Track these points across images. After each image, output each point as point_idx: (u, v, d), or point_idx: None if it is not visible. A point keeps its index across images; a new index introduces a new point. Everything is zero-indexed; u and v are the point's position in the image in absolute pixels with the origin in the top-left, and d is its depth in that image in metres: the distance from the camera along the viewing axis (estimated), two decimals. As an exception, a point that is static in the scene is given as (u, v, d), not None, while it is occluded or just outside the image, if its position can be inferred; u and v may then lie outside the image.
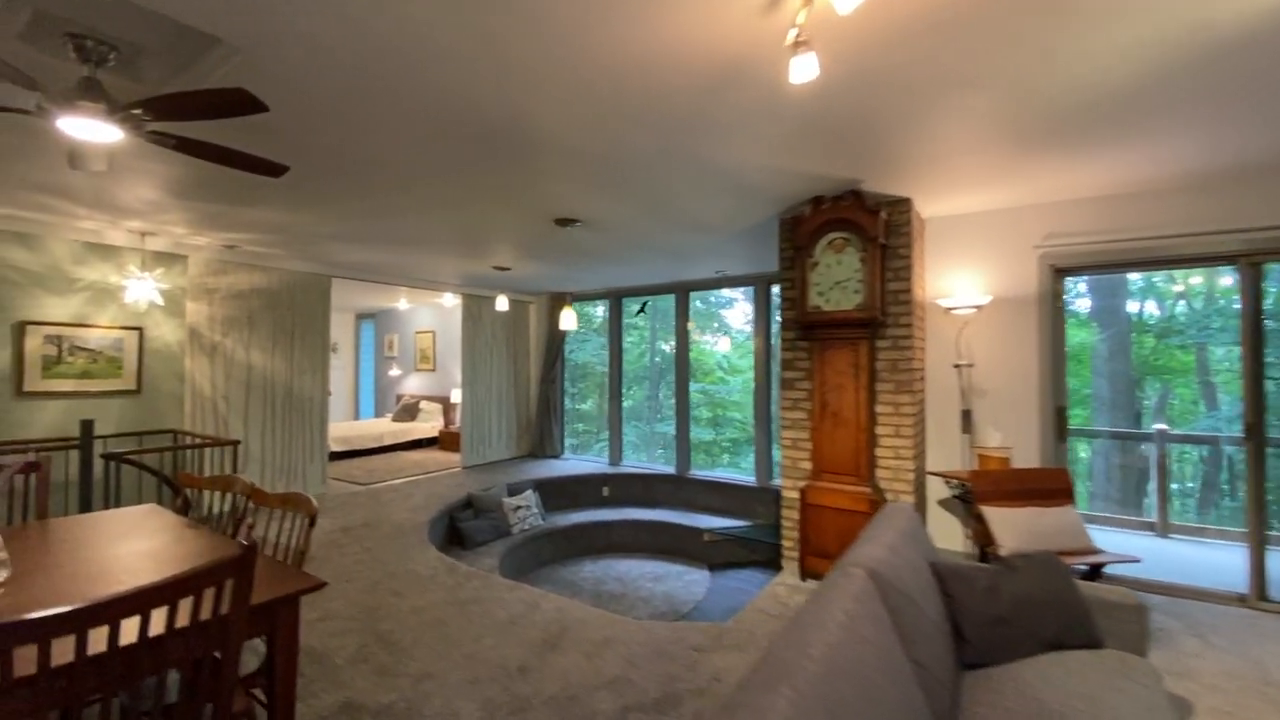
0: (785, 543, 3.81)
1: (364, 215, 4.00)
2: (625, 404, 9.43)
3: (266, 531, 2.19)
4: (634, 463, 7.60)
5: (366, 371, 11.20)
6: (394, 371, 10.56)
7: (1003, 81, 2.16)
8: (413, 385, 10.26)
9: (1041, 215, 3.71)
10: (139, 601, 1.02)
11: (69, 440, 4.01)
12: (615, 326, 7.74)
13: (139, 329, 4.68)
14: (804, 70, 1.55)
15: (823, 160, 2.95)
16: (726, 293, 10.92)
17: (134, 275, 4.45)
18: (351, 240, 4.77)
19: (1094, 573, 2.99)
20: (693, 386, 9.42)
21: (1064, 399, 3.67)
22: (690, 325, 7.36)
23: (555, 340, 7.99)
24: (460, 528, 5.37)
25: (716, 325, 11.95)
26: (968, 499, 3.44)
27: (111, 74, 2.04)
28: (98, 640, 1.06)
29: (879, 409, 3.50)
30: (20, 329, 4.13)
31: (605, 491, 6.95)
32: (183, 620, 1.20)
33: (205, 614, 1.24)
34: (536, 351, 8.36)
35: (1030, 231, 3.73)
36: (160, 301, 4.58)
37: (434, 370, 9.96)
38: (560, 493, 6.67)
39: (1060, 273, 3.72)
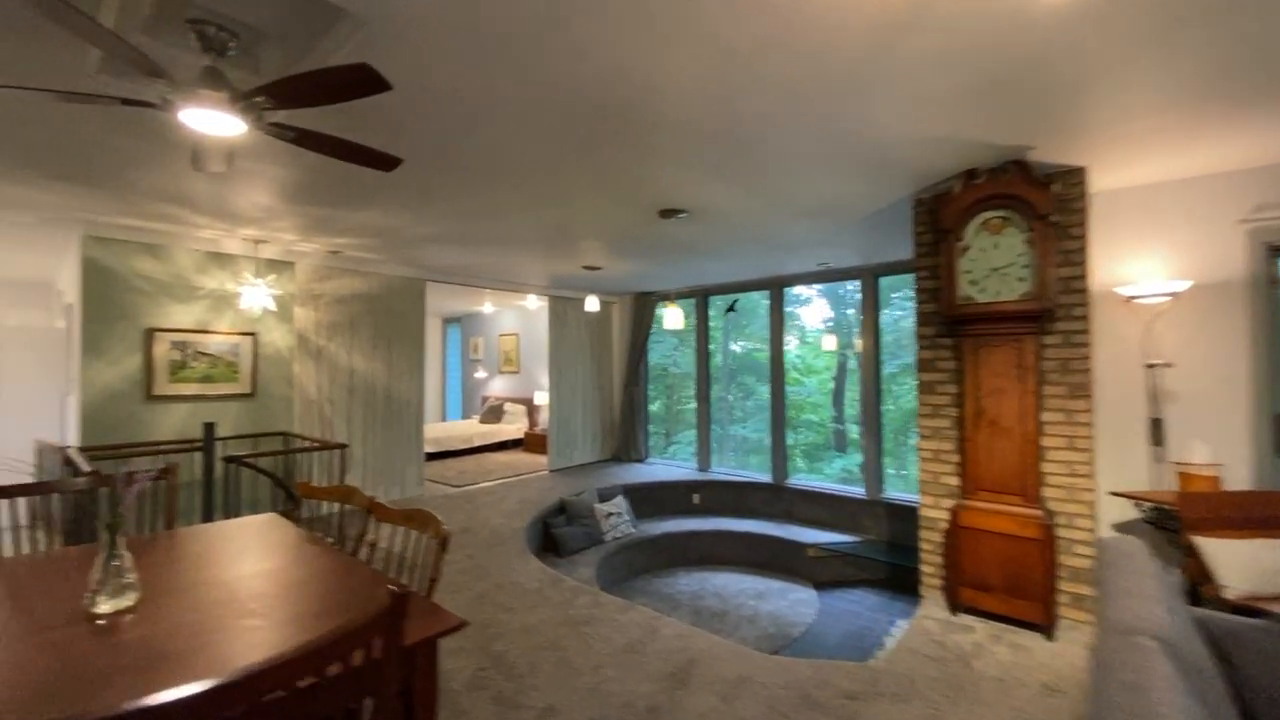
0: (924, 568, 3.35)
1: (464, 216, 3.89)
2: (693, 405, 9.03)
3: (391, 544, 2.02)
4: (723, 469, 7.23)
5: (453, 374, 11.45)
6: (479, 374, 10.72)
7: (1242, 11, 1.68)
8: (497, 387, 10.36)
9: (1249, 182, 3.05)
10: (282, 674, 0.81)
11: (193, 442, 4.15)
12: (701, 326, 7.41)
13: (253, 334, 4.82)
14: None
15: (988, 124, 2.51)
16: (802, 290, 10.36)
17: (249, 282, 4.58)
18: (448, 242, 4.71)
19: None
20: (769, 388, 8.92)
21: (1287, 405, 3.00)
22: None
23: (639, 341, 7.75)
24: (555, 534, 5.22)
25: (796, 324, 11.36)
26: (1169, 526, 2.86)
27: (232, 64, 1.94)
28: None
29: (1047, 417, 2.98)
30: (149, 335, 4.33)
31: (696, 499, 6.63)
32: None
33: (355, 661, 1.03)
34: (619, 353, 8.17)
35: (1234, 203, 3.08)
36: (273, 307, 4.70)
37: (518, 373, 10.00)
38: (648, 499, 6.42)
39: (1275, 251, 3.05)
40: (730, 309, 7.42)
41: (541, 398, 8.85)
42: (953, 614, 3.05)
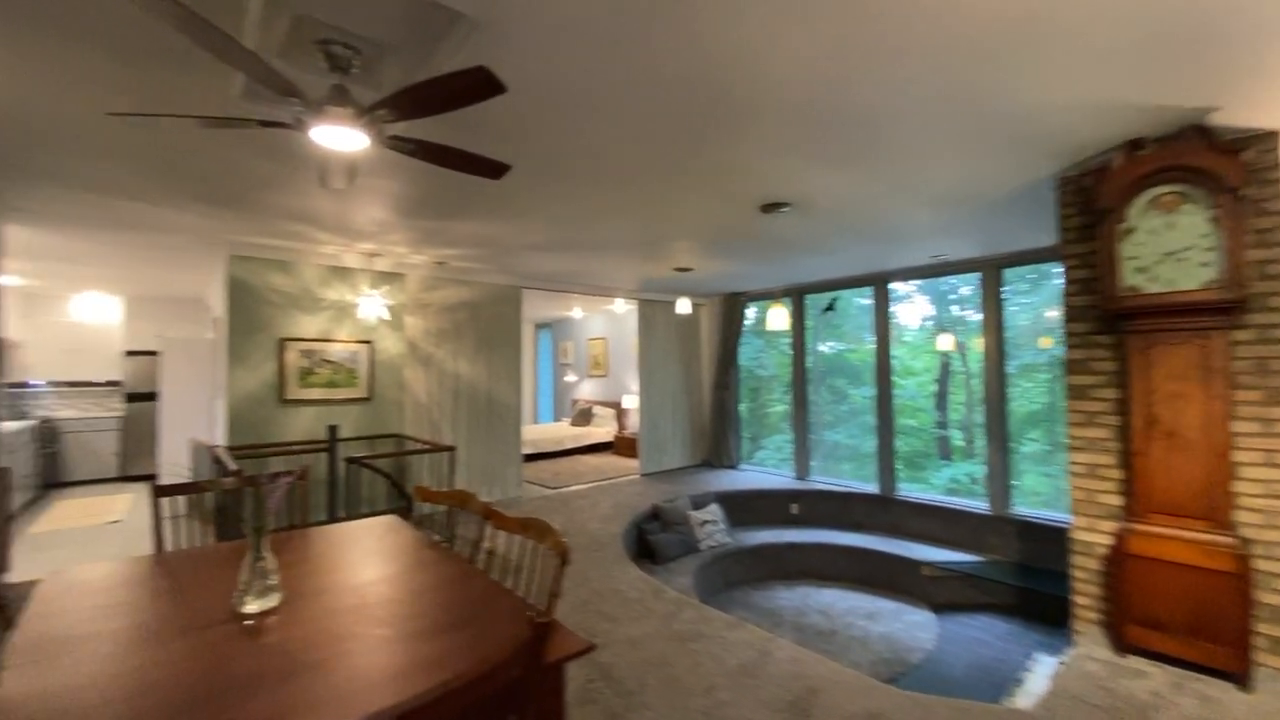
0: (1078, 599, 2.93)
1: (563, 222, 3.92)
2: (780, 409, 8.63)
3: (507, 550, 2.01)
4: (821, 477, 6.86)
5: (545, 378, 11.77)
6: (569, 377, 10.93)
7: None
8: (586, 391, 10.51)
9: None
10: (431, 714, 0.76)
11: (319, 443, 4.46)
12: (798, 326, 7.09)
13: (369, 342, 5.14)
14: None
15: (1164, 82, 2.13)
16: (899, 287, 9.70)
17: (365, 293, 4.88)
18: (546, 249, 4.78)
19: None
20: (862, 391, 8.38)
21: None
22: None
23: (729, 344, 7.54)
24: (650, 540, 5.15)
25: (894, 322, 10.60)
26: None
27: (354, 81, 2.01)
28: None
29: (1239, 427, 2.51)
30: (281, 345, 4.71)
31: (794, 509, 6.33)
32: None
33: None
34: (708, 356, 8.00)
35: None
36: (387, 316, 4.98)
37: (606, 376, 10.09)
38: (742, 507, 6.19)
39: None
40: (829, 308, 7.06)
41: (629, 401, 8.86)
42: (1119, 654, 2.63)
